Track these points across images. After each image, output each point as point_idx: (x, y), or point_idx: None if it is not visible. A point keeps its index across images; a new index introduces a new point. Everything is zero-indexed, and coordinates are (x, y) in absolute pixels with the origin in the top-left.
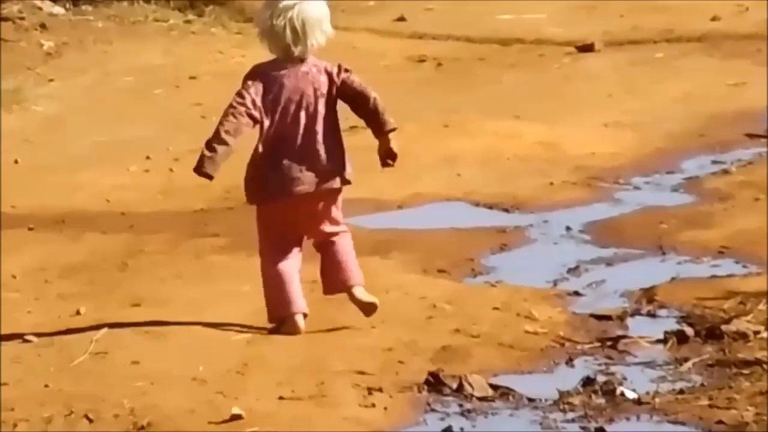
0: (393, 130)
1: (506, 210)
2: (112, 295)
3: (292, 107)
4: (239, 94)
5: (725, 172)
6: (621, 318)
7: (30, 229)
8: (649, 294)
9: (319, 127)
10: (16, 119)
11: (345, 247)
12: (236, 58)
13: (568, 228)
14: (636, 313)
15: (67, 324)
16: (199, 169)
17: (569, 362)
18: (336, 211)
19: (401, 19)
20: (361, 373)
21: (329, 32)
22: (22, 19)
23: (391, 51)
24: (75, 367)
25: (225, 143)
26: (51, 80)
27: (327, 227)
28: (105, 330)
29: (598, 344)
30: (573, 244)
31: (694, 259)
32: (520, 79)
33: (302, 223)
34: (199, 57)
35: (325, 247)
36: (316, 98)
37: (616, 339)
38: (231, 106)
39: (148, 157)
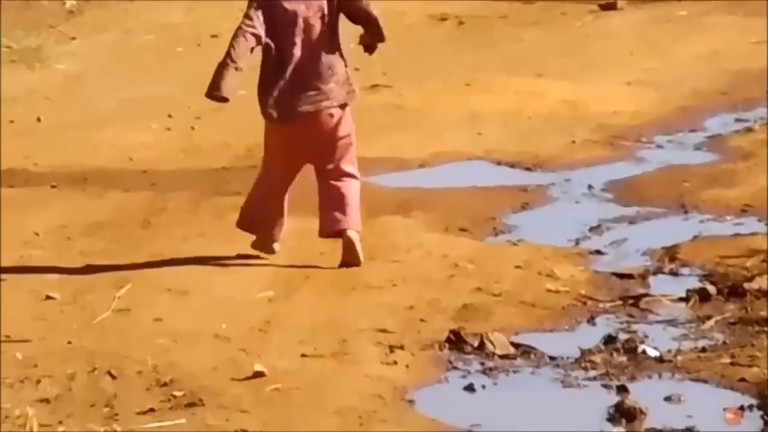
0: (383, 41)
1: (528, 168)
2: (135, 252)
3: (295, 29)
4: (247, 16)
5: (748, 130)
6: (643, 276)
7: (53, 186)
8: (671, 252)
9: (322, 47)
10: (38, 77)
11: (351, 191)
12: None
13: (590, 186)
14: (658, 271)
15: (90, 281)
16: (211, 93)
17: (591, 320)
18: (343, 146)
19: None
20: (383, 331)
21: None
22: None
23: (413, 10)
24: (98, 324)
25: (236, 64)
26: (73, 38)
27: (331, 156)
28: (128, 287)
29: (619, 303)
30: (595, 202)
31: (717, 217)
32: (542, 37)
33: (306, 146)
34: (220, 15)
35: (330, 188)
36: (319, 19)
37: (638, 297)
38: (239, 28)
39: (170, 116)
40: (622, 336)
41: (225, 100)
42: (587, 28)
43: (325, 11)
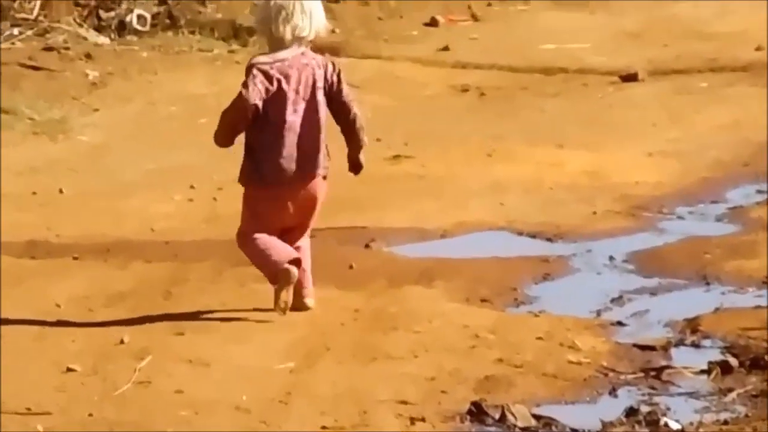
0: (363, 145)
1: (549, 239)
2: (156, 323)
3: (292, 96)
4: (244, 85)
5: None
6: (665, 348)
7: (75, 258)
8: (693, 324)
9: (316, 117)
10: (61, 148)
11: (307, 255)
12: None
13: (611, 257)
14: (680, 343)
15: (111, 353)
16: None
17: (612, 392)
18: (315, 210)
19: (445, 48)
20: (404, 402)
21: (325, 25)
22: (68, 49)
23: (435, 80)
24: (119, 395)
25: (233, 132)
26: (96, 110)
27: (306, 229)
28: (149, 358)
29: (641, 374)
30: (616, 273)
31: (739, 289)
32: (564, 108)
33: (289, 211)
34: None
35: (291, 242)
36: (315, 90)
37: (660, 369)
38: (237, 96)
39: (192, 186)
40: (644, 408)
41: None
42: (609, 99)
43: (319, 85)
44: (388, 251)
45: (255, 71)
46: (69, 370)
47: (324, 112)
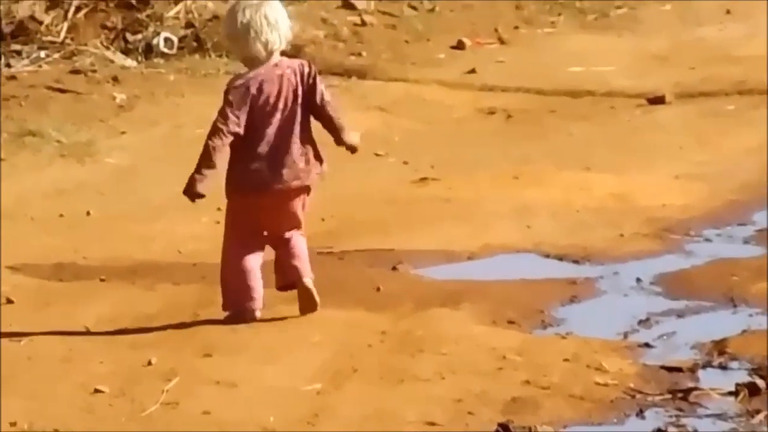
0: (351, 146)
1: (576, 261)
2: (184, 345)
3: (269, 108)
4: (221, 113)
5: None
6: (692, 370)
7: (102, 280)
8: (720, 346)
9: (295, 126)
10: (88, 171)
11: (300, 244)
12: None
13: (638, 279)
14: (707, 365)
15: (139, 374)
16: (189, 191)
17: (640, 414)
18: (301, 211)
19: (472, 71)
20: (431, 423)
21: (291, 27)
22: (95, 71)
23: (462, 103)
24: (146, 417)
25: (212, 166)
26: (123, 132)
27: (290, 227)
28: (176, 380)
29: (668, 396)
30: (644, 295)
31: (766, 310)
32: (591, 130)
33: (270, 219)
34: None
35: (282, 244)
36: (292, 99)
37: (687, 391)
38: (215, 126)
39: (219, 209)
40: (672, 430)
41: (202, 196)
42: (636, 122)
43: (300, 89)
44: (415, 273)
45: (230, 97)
46: (97, 391)
47: (306, 120)
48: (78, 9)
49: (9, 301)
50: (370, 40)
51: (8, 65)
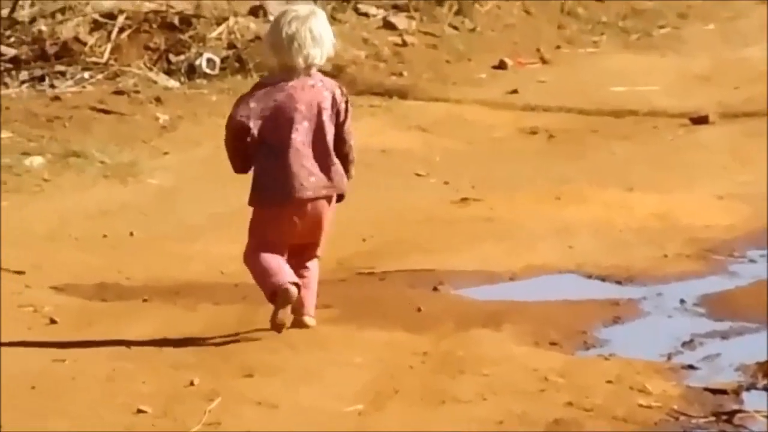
0: (349, 178)
1: (619, 282)
2: (225, 365)
3: (296, 116)
4: (237, 105)
5: None
6: (736, 392)
7: (145, 300)
8: (764, 367)
9: (318, 139)
10: (131, 192)
11: (313, 276)
12: None
13: (682, 301)
14: (751, 387)
15: (181, 394)
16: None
17: None
18: (323, 226)
19: (513, 91)
20: None
21: (331, 45)
22: (138, 92)
23: (503, 123)
24: None
25: (237, 161)
26: (166, 153)
27: (310, 240)
28: (218, 400)
29: (712, 418)
30: (687, 317)
31: None
32: (633, 150)
33: (291, 229)
34: None
35: (299, 267)
36: (320, 111)
37: (731, 413)
38: (230, 117)
39: None
40: None
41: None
42: (679, 141)
43: (329, 103)
44: (456, 294)
45: (250, 94)
46: (139, 411)
47: (330, 133)
48: (122, 30)
49: (52, 321)
50: (411, 60)
51: (52, 86)
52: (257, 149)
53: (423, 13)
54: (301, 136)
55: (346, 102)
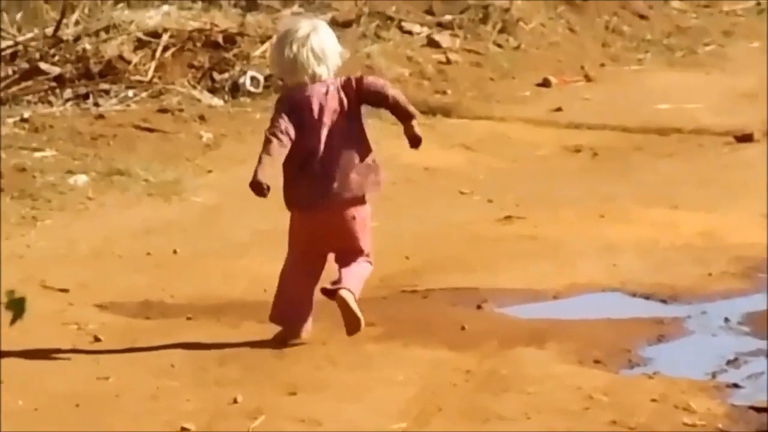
0: (414, 116)
1: (663, 300)
2: (269, 383)
3: (318, 122)
4: (274, 119)
5: None
6: None
7: (188, 318)
8: None
9: (344, 138)
10: (175, 210)
11: (360, 266)
12: (391, 149)
13: (726, 319)
14: None
15: (225, 412)
16: (252, 183)
17: None
18: (362, 233)
19: (558, 109)
20: None
21: (342, 53)
22: (182, 111)
23: (547, 141)
24: None
25: (270, 162)
26: (209, 171)
27: (347, 246)
28: (262, 418)
29: None
30: (732, 335)
31: None
32: (678, 168)
33: (325, 235)
34: None
35: (345, 264)
36: (339, 113)
37: None
38: (269, 131)
39: None
40: None
41: (266, 188)
42: (723, 159)
43: (345, 102)
44: (499, 312)
45: (279, 106)
46: (183, 429)
47: (356, 134)
48: (165, 49)
49: (97, 339)
50: (455, 78)
51: (96, 104)
52: (286, 157)
53: (467, 31)
54: (323, 142)
55: (359, 81)
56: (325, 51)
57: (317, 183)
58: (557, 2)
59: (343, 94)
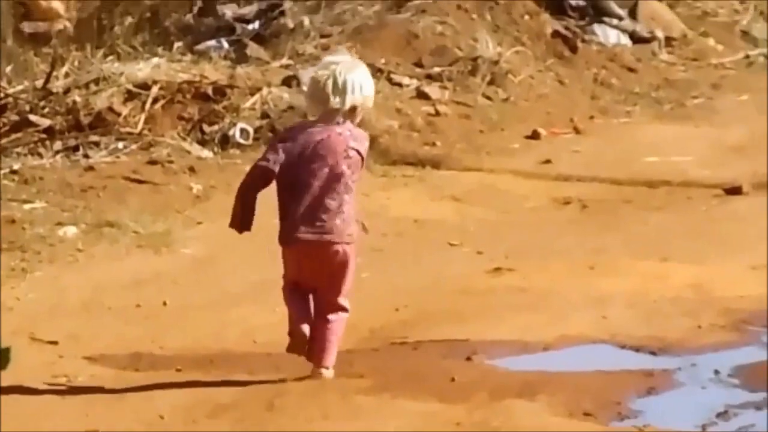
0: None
1: (653, 353)
2: None
3: (318, 163)
4: (266, 152)
5: None
6: None
7: (178, 370)
8: None
9: (338, 185)
10: (165, 261)
11: (336, 328)
12: (381, 201)
13: (716, 371)
14: None
15: None
16: (232, 224)
17: None
18: (342, 276)
19: (547, 161)
20: None
21: (370, 98)
22: (171, 162)
23: (536, 193)
24: None
25: (248, 200)
26: (199, 223)
27: (329, 289)
28: None
29: None
30: (722, 387)
31: None
32: (667, 220)
33: (308, 274)
34: None
35: (321, 322)
36: (343, 158)
37: None
38: (255, 165)
39: None
40: None
41: (241, 231)
42: (713, 212)
43: (349, 154)
44: (490, 364)
45: (279, 140)
46: None
47: (350, 179)
48: (155, 100)
49: (86, 392)
50: (444, 130)
51: (86, 156)
52: (280, 189)
53: (456, 83)
54: (318, 182)
55: (366, 152)
56: (346, 83)
57: (305, 221)
58: (546, 55)
59: (354, 144)
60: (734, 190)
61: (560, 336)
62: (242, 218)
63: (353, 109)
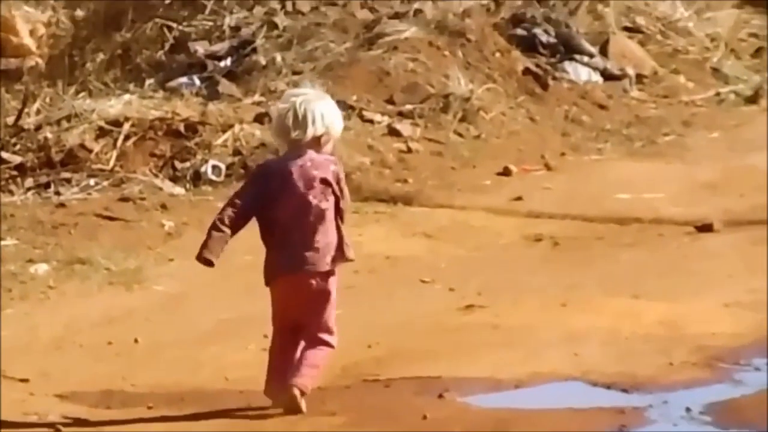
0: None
1: (625, 390)
2: None
3: (287, 196)
4: (233, 198)
5: None
6: None
7: (149, 407)
8: None
9: (308, 217)
10: (136, 298)
11: (316, 356)
12: (353, 237)
13: (688, 409)
14: None
15: None
16: (200, 256)
17: None
18: (323, 308)
19: (518, 198)
20: None
21: (334, 127)
22: (143, 199)
23: (508, 230)
24: None
25: (221, 232)
26: (171, 260)
27: (314, 329)
28: None
29: None
30: (694, 425)
31: None
32: (639, 258)
33: (291, 306)
34: None
35: (304, 348)
36: (308, 189)
37: None
38: (228, 203)
39: (265, 336)
40: None
41: (211, 264)
42: (684, 249)
43: (314, 185)
44: (462, 401)
45: (251, 180)
46: None
47: (326, 208)
48: (127, 137)
49: (57, 430)
50: (416, 167)
51: (58, 193)
52: (260, 227)
53: (428, 120)
54: (289, 216)
55: (341, 177)
56: (306, 114)
57: (285, 255)
58: (517, 92)
59: (318, 173)
60: (706, 228)
61: (532, 373)
62: (209, 247)
63: (317, 140)
